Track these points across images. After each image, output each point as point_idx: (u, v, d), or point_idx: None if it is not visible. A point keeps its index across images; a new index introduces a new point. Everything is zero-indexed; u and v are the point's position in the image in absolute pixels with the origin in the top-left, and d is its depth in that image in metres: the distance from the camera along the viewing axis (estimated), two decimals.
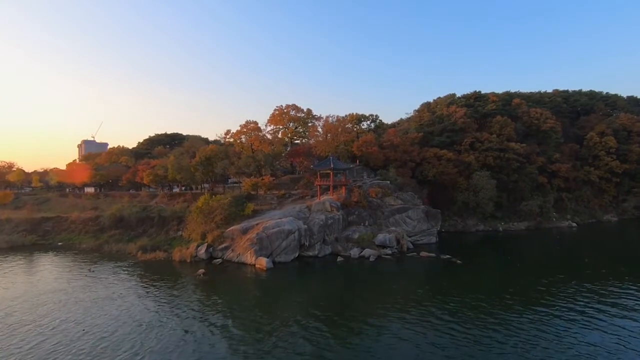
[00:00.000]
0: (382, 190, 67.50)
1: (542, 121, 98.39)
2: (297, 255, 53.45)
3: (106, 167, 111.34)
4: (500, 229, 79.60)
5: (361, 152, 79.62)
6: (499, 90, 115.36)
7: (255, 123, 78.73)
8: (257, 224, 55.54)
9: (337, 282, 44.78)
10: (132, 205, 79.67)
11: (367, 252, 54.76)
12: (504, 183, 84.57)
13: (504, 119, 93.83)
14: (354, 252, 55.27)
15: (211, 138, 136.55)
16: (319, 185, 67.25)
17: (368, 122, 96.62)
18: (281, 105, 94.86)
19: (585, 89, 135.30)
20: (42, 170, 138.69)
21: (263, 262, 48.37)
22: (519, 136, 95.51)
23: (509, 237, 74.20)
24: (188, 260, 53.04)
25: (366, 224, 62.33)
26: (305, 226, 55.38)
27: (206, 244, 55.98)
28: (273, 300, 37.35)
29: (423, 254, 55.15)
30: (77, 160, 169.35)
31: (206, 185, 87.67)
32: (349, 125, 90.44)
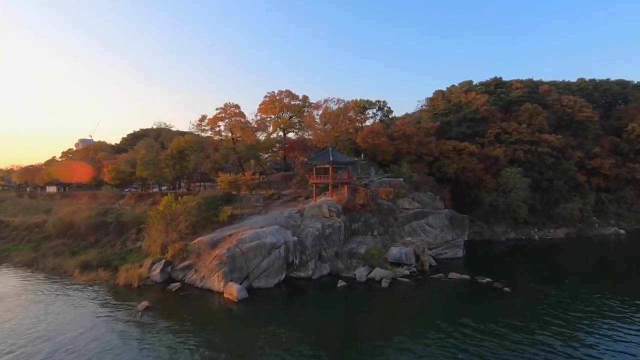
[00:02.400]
0: (395, 190, 53.64)
1: (577, 110, 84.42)
2: (283, 278, 39.63)
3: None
4: (536, 237, 65.74)
5: (367, 144, 65.70)
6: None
7: (237, 107, 64.86)
8: (230, 235, 41.76)
9: (337, 321, 30.96)
10: (90, 207, 66.18)
11: (377, 272, 40.93)
12: (536, 182, 70.73)
13: (534, 106, 79.93)
14: (360, 272, 41.45)
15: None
16: (315, 183, 53.30)
17: (374, 110, 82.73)
18: (273, 92, 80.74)
19: (612, 77, 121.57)
20: (17, 169, 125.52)
21: (233, 291, 34.53)
22: (550, 127, 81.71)
23: (548, 248, 60.39)
24: (135, 285, 39.11)
25: (375, 233, 48.53)
26: (295, 238, 41.53)
27: (163, 261, 42.20)
28: None
29: (453, 275, 41.28)
30: (57, 158, 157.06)
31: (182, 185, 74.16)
32: (352, 114, 76.38)
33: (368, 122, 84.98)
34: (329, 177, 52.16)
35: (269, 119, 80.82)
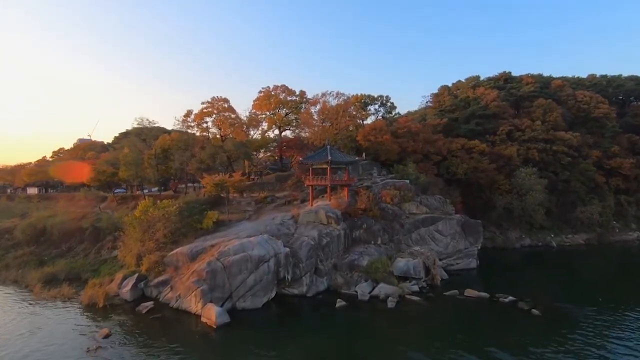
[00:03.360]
0: (400, 193, 48.15)
1: (593, 106, 78.99)
2: (273, 296, 34.17)
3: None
4: (554, 243, 60.29)
5: (368, 143, 60.11)
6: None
7: (226, 101, 59.36)
8: (213, 246, 36.32)
9: (336, 349, 25.73)
10: (68, 211, 60.82)
11: (382, 289, 35.52)
12: (552, 183, 65.39)
13: (548, 101, 74.60)
14: (362, 288, 36.06)
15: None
16: (311, 185, 47.85)
17: (376, 106, 77.22)
18: (268, 87, 75.43)
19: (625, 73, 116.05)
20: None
21: (212, 314, 29.03)
22: (565, 124, 76.35)
23: (568, 256, 55.24)
24: (100, 305, 33.59)
25: (378, 242, 43.09)
26: (287, 249, 36.07)
27: (136, 276, 36.76)
28: None
29: (469, 292, 35.76)
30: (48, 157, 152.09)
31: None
32: (352, 110, 70.86)
33: (369, 120, 79.73)
34: (326, 179, 46.67)
35: (263, 115, 75.59)
